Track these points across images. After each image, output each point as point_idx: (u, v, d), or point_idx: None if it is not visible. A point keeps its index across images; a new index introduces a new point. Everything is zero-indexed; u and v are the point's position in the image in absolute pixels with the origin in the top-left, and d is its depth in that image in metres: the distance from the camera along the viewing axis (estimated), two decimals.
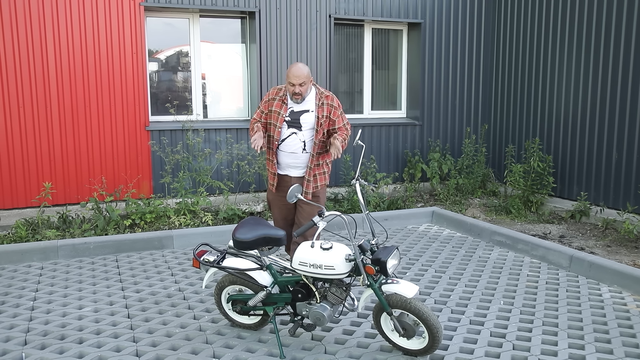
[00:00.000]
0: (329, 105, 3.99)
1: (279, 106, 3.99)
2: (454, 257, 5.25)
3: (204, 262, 3.45)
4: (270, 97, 4.06)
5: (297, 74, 3.82)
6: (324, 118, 3.97)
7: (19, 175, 6.08)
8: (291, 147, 4.00)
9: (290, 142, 3.99)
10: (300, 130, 3.97)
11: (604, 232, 6.03)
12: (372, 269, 3.06)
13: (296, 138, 3.98)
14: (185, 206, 6.14)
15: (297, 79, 3.82)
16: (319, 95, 4.00)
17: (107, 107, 6.33)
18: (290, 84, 3.87)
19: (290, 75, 3.85)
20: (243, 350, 3.37)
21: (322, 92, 4.03)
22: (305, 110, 3.97)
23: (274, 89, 4.08)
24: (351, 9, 7.35)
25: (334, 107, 4.01)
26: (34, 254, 5.05)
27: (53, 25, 6.00)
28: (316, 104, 3.97)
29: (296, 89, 3.85)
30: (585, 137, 6.70)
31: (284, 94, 4.02)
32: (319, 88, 4.04)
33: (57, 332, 3.59)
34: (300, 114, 3.97)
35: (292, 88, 3.87)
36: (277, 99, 4.02)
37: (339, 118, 4.02)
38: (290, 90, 3.89)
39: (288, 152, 4.01)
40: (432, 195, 7.86)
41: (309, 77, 3.88)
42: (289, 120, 3.97)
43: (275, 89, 4.07)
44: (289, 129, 3.98)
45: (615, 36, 6.22)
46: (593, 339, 3.52)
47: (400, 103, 8.17)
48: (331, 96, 4.04)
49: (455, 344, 3.44)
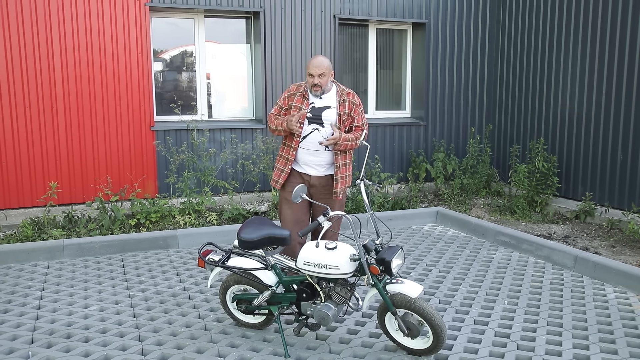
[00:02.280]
0: (350, 103, 3.94)
1: (299, 101, 3.90)
2: (458, 257, 5.25)
3: (209, 262, 3.46)
4: (290, 92, 3.97)
5: (317, 64, 3.77)
6: (346, 115, 3.91)
7: (25, 175, 6.12)
8: (314, 145, 3.89)
9: (313, 139, 3.88)
10: (323, 127, 3.87)
11: (609, 232, 6.01)
12: (376, 268, 3.06)
13: (318, 135, 3.87)
14: (190, 206, 6.16)
15: (317, 69, 3.76)
16: (339, 91, 3.93)
17: (112, 107, 6.36)
18: (309, 75, 3.81)
19: (310, 66, 3.80)
20: (248, 350, 3.38)
21: (343, 88, 3.97)
22: (327, 107, 3.89)
23: (293, 85, 4.00)
24: (355, 9, 7.36)
25: (355, 104, 3.95)
26: (40, 253, 5.08)
27: (59, 26, 6.03)
28: (337, 100, 3.90)
29: (315, 80, 3.78)
30: (590, 137, 6.69)
31: (304, 89, 3.93)
32: (340, 85, 3.97)
33: (63, 330, 3.61)
34: (322, 110, 3.89)
35: (311, 79, 3.81)
36: (298, 94, 3.93)
37: (358, 116, 3.97)
38: (309, 82, 3.84)
39: (310, 150, 3.90)
40: (436, 195, 7.86)
41: (329, 70, 3.81)
42: (311, 116, 3.87)
43: (296, 85, 4.00)
44: (311, 125, 3.87)
45: (621, 35, 6.21)
46: (597, 339, 3.52)
47: (405, 103, 8.17)
48: (352, 93, 3.98)
49: (460, 344, 3.45)
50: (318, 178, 3.95)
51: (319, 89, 3.82)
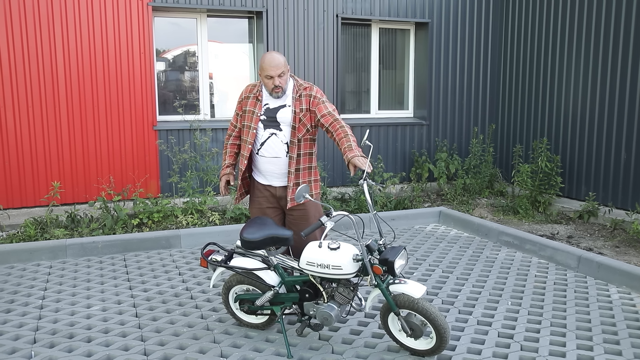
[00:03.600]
0: (307, 96, 3.48)
1: (253, 104, 3.53)
2: (461, 257, 5.24)
3: (211, 262, 3.46)
4: (243, 96, 3.61)
5: (275, 64, 3.34)
6: (303, 112, 3.46)
7: (27, 175, 6.12)
8: (272, 151, 3.51)
9: (271, 145, 3.50)
10: (280, 130, 3.48)
11: (613, 232, 5.99)
12: (379, 269, 3.05)
13: (277, 140, 3.49)
14: (193, 205, 6.16)
15: (276, 69, 3.34)
16: (296, 87, 3.51)
17: (115, 107, 6.36)
18: (267, 77, 3.38)
19: (266, 67, 3.34)
20: (250, 350, 3.37)
21: (300, 83, 3.54)
22: (282, 106, 3.49)
23: (247, 87, 3.63)
24: (358, 9, 7.34)
25: (312, 96, 3.48)
26: (42, 252, 5.08)
27: (62, 26, 6.04)
28: (293, 97, 3.48)
29: (276, 81, 3.37)
30: (594, 137, 6.66)
31: (258, 90, 3.55)
32: (297, 80, 3.56)
33: (65, 330, 3.61)
34: (276, 110, 3.49)
35: (270, 82, 3.39)
36: (252, 96, 3.56)
37: (319, 106, 3.45)
38: (268, 85, 3.41)
39: (269, 157, 3.52)
40: (439, 195, 7.84)
41: (286, 66, 3.40)
42: (265, 119, 3.50)
43: (250, 86, 3.62)
44: (267, 130, 3.50)
45: (625, 34, 6.18)
46: (602, 340, 3.50)
47: (408, 103, 8.16)
48: (310, 86, 3.53)
49: (463, 345, 3.43)
50: (284, 189, 3.59)
51: (279, 90, 3.43)
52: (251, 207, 3.76)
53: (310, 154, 3.60)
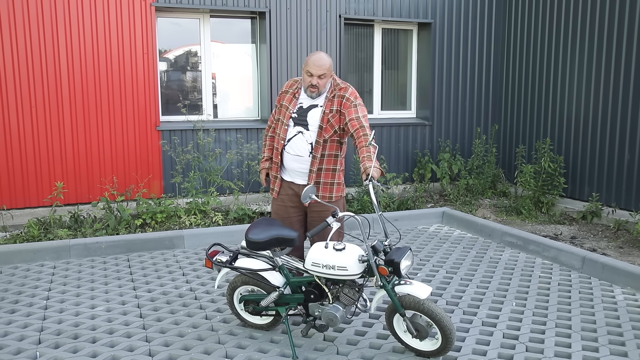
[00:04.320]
0: (340, 97, 3.43)
1: (289, 100, 3.57)
2: (465, 257, 5.23)
3: (216, 263, 3.45)
4: (284, 89, 3.64)
5: (319, 64, 3.32)
6: (332, 113, 3.42)
7: (31, 175, 6.12)
8: (296, 149, 3.51)
9: (296, 143, 3.51)
10: (307, 130, 3.48)
11: (616, 233, 5.98)
12: (385, 270, 3.05)
13: (302, 138, 3.49)
14: (196, 206, 6.16)
15: (318, 69, 3.33)
16: (332, 87, 3.48)
17: (118, 107, 6.36)
18: (307, 74, 3.37)
19: (310, 64, 3.34)
20: (255, 351, 3.37)
21: (337, 83, 3.49)
22: (314, 106, 3.49)
23: (289, 81, 3.64)
24: (361, 9, 7.34)
25: (346, 98, 3.42)
26: (46, 253, 5.08)
27: (65, 26, 6.04)
28: (327, 97, 3.47)
29: (314, 80, 3.36)
30: (597, 137, 6.66)
31: (297, 87, 3.58)
32: (336, 79, 3.52)
33: (70, 331, 3.61)
34: (307, 110, 3.49)
35: (309, 79, 3.38)
36: (290, 92, 3.59)
37: (349, 109, 3.38)
38: (306, 80, 3.40)
39: (293, 155, 3.52)
40: (442, 195, 7.84)
41: (330, 70, 3.37)
42: (295, 117, 3.51)
43: (292, 80, 3.63)
44: (295, 127, 3.51)
45: (628, 35, 6.17)
46: (607, 342, 3.49)
47: (410, 103, 8.15)
48: (346, 87, 3.47)
49: (468, 346, 3.43)
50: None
51: (315, 90, 3.41)
52: (273, 203, 3.73)
53: (336, 155, 3.55)
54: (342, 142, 3.57)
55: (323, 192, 3.57)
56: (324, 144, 3.48)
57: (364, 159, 3.19)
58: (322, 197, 3.57)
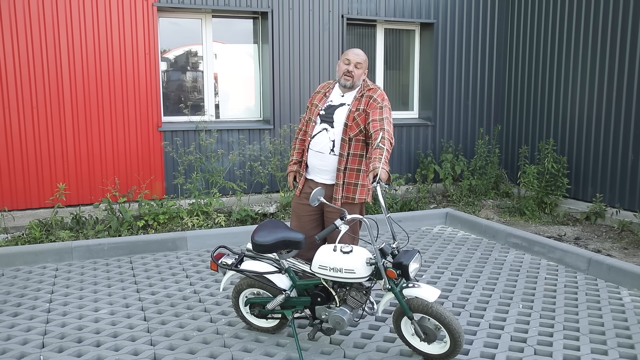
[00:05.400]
0: (367, 97, 3.50)
1: (319, 99, 3.66)
2: (469, 259, 5.21)
3: (222, 265, 3.42)
4: (316, 90, 3.75)
5: (358, 53, 3.50)
6: (359, 112, 3.47)
7: (32, 176, 6.08)
8: (319, 146, 3.56)
9: (319, 140, 3.56)
10: (332, 127, 3.52)
11: (620, 234, 5.96)
12: (393, 272, 3.02)
13: (325, 136, 3.53)
14: (198, 207, 6.13)
15: (356, 57, 3.48)
16: (362, 87, 3.57)
17: (119, 108, 6.33)
18: (345, 62, 3.49)
19: (348, 52, 3.50)
20: (262, 354, 3.34)
21: (367, 84, 3.58)
22: (342, 104, 3.55)
23: (323, 83, 3.76)
24: (363, 9, 7.31)
25: (372, 98, 3.48)
26: (48, 255, 5.05)
27: (66, 26, 6.00)
28: (355, 96, 3.54)
29: (350, 67, 3.47)
30: (601, 137, 6.63)
31: (329, 87, 3.68)
32: (367, 81, 3.61)
33: (74, 334, 3.57)
34: (335, 107, 3.56)
35: (345, 66, 3.49)
36: (322, 92, 3.69)
37: (374, 110, 3.42)
38: (342, 69, 3.51)
39: (315, 151, 3.58)
40: (444, 196, 7.81)
41: (366, 63, 3.52)
42: (323, 113, 3.58)
43: (325, 83, 3.75)
44: (321, 124, 3.57)
45: (632, 35, 6.15)
46: (616, 344, 3.47)
47: (413, 103, 8.12)
48: (375, 88, 3.54)
49: (476, 349, 3.40)
50: (324, 188, 3.57)
51: (350, 79, 3.49)
52: (293, 200, 3.77)
53: (361, 155, 3.55)
54: (368, 143, 3.56)
55: (347, 192, 3.55)
56: (350, 142, 3.50)
57: (375, 159, 3.16)
58: (346, 197, 3.55)
